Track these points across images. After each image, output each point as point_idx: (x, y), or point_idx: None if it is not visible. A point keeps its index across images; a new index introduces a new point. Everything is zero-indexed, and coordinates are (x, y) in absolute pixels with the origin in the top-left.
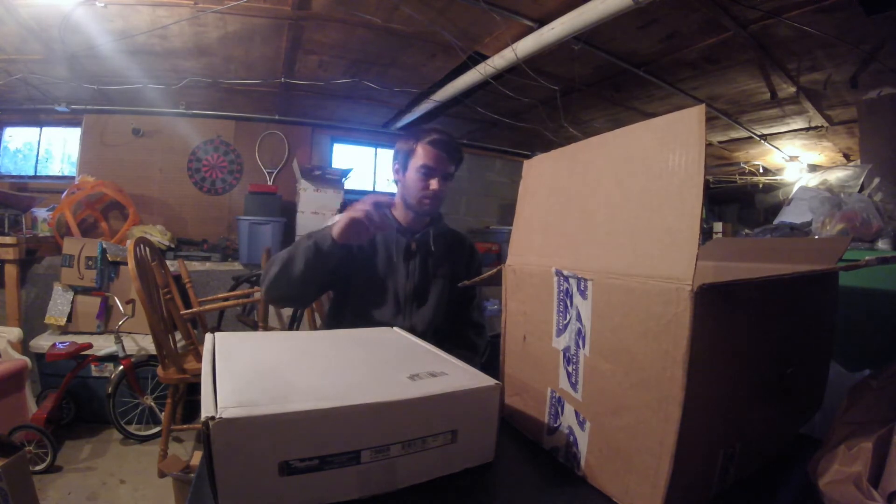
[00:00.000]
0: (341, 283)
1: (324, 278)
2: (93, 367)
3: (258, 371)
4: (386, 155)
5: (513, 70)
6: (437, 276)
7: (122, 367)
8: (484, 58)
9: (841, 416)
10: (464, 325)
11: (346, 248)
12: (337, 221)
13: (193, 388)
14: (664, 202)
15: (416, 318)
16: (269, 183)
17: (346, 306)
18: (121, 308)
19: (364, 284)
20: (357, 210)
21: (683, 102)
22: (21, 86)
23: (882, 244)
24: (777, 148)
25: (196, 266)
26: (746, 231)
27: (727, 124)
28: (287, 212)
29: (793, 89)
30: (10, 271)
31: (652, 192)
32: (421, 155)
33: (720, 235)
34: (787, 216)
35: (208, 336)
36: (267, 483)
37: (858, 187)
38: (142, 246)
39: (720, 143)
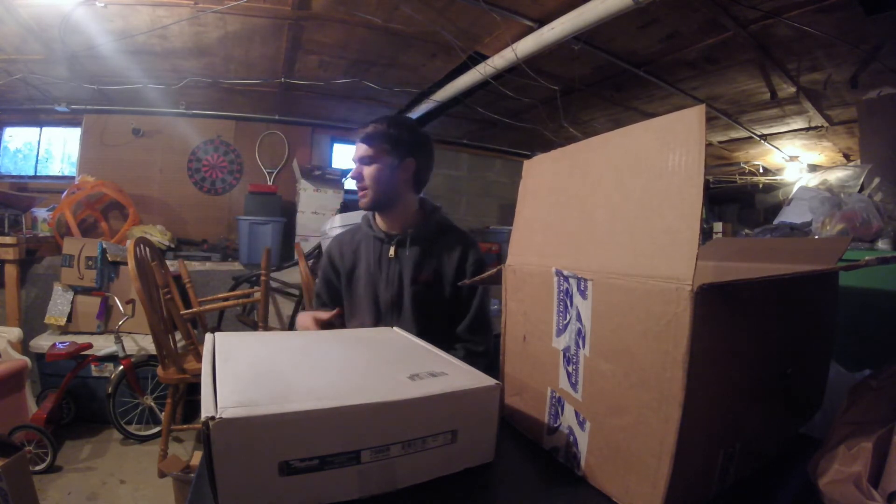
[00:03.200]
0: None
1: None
2: (93, 367)
3: (258, 371)
4: None
5: (513, 70)
6: (415, 282)
7: (122, 367)
8: (484, 58)
9: (841, 416)
10: (455, 341)
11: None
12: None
13: (193, 388)
14: (664, 202)
15: (397, 327)
16: (269, 183)
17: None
18: (121, 308)
19: (349, 296)
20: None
21: (683, 102)
22: (21, 86)
23: (882, 244)
24: (777, 148)
25: (196, 266)
26: (746, 231)
27: (727, 124)
28: (287, 212)
29: (793, 89)
30: (10, 271)
31: (652, 192)
32: None
33: (720, 235)
34: (787, 216)
35: (208, 336)
36: (267, 483)
37: (858, 187)
38: (142, 246)
39: (720, 143)
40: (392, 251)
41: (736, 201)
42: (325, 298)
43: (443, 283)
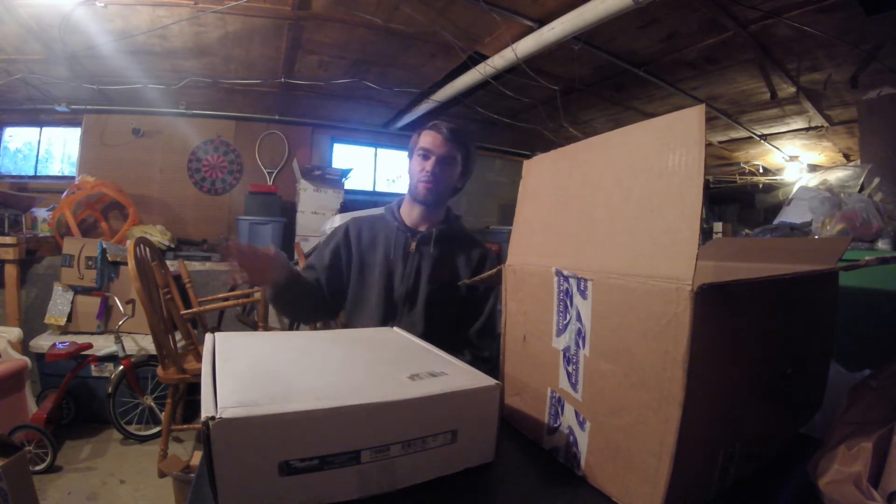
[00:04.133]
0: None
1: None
2: (93, 367)
3: (258, 371)
4: (386, 155)
5: (513, 70)
6: (433, 280)
7: (122, 367)
8: (484, 58)
9: (841, 416)
10: (462, 343)
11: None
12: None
13: (193, 388)
14: (664, 202)
15: (406, 322)
16: (269, 183)
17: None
18: (121, 308)
19: (360, 283)
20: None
21: (683, 102)
22: (21, 86)
23: (882, 244)
24: (777, 148)
25: (196, 266)
26: (746, 231)
27: (727, 124)
28: (287, 212)
29: (793, 89)
30: (10, 271)
31: (652, 192)
32: (420, 140)
33: (720, 235)
34: (787, 216)
35: (208, 336)
36: (267, 483)
37: (858, 187)
38: (142, 246)
39: (720, 143)
40: (413, 246)
41: (736, 201)
42: (325, 263)
43: (458, 286)
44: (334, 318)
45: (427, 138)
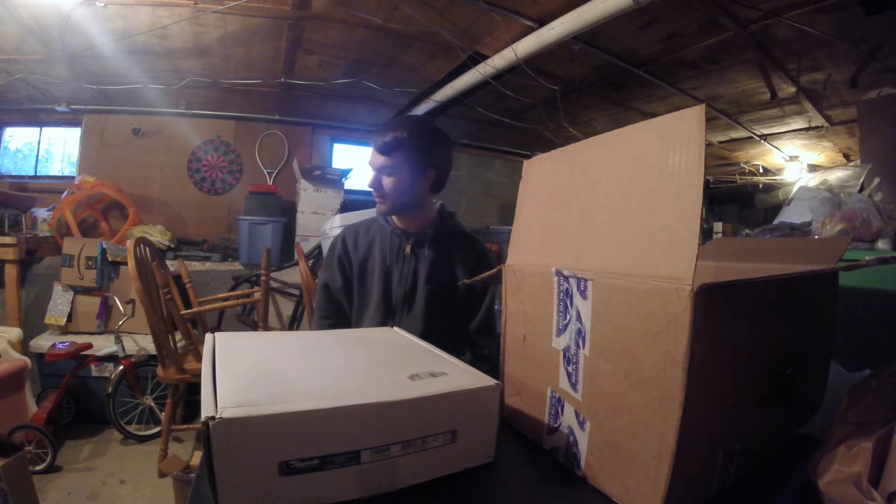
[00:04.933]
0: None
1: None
2: (93, 367)
3: (258, 371)
4: None
5: (513, 70)
6: (430, 282)
7: (122, 367)
8: (484, 58)
9: (841, 416)
10: (461, 342)
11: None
12: None
13: (193, 388)
14: (664, 202)
15: (405, 325)
16: (269, 183)
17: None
18: (121, 308)
19: (361, 288)
20: None
21: (683, 102)
22: (21, 86)
23: (882, 244)
24: (777, 148)
25: (196, 266)
26: (746, 231)
27: (727, 124)
28: (287, 212)
29: (793, 89)
30: (10, 271)
31: (652, 192)
32: None
33: (720, 235)
34: (787, 216)
35: (208, 336)
36: (267, 483)
37: (858, 187)
38: (142, 246)
39: (720, 143)
40: (408, 248)
41: (736, 201)
42: (339, 284)
43: (456, 286)
44: None
45: (368, 157)
